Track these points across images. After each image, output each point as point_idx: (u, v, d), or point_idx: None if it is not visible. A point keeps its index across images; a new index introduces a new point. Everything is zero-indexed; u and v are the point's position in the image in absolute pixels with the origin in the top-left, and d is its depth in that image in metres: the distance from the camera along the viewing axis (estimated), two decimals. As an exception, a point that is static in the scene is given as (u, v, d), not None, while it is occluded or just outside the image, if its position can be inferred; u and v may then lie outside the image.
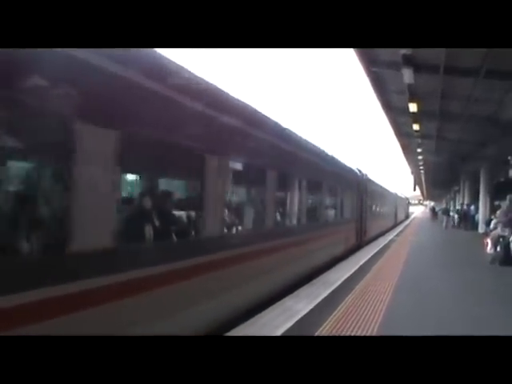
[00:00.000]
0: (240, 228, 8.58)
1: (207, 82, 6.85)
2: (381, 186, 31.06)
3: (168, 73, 5.89)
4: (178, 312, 5.79)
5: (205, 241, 6.68)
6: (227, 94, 7.53)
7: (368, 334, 6.53)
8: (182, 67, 6.23)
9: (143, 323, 5.02)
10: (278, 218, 10.06)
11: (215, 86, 7.11)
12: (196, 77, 6.52)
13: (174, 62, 6.00)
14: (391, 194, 40.05)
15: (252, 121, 8.60)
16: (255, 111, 8.80)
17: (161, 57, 5.70)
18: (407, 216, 66.89)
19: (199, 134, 6.48)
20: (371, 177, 24.62)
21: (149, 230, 5.70)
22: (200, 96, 6.51)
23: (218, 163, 6.90)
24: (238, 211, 8.65)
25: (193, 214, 7.17)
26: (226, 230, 7.54)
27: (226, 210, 7.59)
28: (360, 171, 21.31)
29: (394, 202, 42.46)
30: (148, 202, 6.07)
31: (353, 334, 6.52)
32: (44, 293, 3.89)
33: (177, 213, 7.03)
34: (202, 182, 6.64)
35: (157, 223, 5.92)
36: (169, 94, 5.75)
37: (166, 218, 6.20)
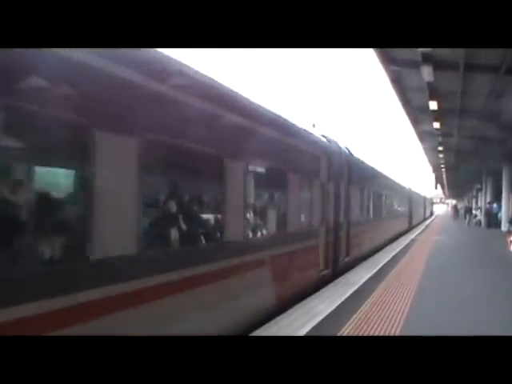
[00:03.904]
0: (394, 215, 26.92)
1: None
2: (417, 193, 45.76)
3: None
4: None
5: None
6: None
7: (391, 334, 6.51)
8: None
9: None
10: (395, 213, 27.18)
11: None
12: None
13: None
14: (422, 197, 54.65)
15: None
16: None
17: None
18: (432, 213, 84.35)
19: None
20: (413, 188, 41.19)
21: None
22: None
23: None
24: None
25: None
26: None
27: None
28: (409, 188, 37.25)
29: (424, 203, 57.81)
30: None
31: (375, 334, 6.51)
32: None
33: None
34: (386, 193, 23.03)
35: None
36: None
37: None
